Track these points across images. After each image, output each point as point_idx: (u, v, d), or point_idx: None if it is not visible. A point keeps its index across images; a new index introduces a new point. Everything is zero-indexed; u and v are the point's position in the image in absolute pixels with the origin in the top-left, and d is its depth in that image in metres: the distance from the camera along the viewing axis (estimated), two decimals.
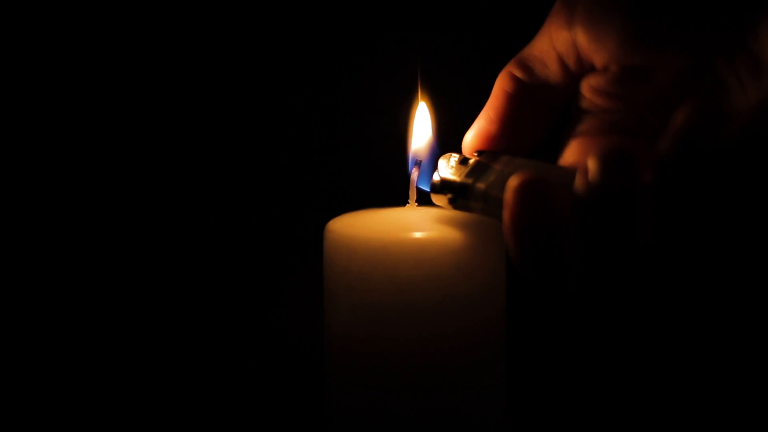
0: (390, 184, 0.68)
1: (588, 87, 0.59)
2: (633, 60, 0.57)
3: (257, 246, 0.86)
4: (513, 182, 0.53)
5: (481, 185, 0.59)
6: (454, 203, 0.61)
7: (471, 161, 0.61)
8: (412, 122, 0.65)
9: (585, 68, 0.59)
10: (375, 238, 0.60)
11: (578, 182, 0.51)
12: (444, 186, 0.61)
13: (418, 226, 0.61)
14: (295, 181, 0.86)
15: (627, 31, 0.57)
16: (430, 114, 0.65)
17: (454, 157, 0.61)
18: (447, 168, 0.61)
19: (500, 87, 0.61)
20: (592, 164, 0.51)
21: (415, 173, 0.64)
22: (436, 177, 0.61)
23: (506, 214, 0.53)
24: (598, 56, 0.58)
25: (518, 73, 0.61)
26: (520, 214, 0.52)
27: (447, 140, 0.64)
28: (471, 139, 0.61)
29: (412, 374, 0.60)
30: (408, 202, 0.65)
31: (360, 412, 0.61)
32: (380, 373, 0.60)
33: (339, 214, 0.64)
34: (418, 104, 0.65)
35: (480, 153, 0.61)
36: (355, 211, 0.64)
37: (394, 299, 0.60)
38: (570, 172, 0.54)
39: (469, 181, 0.60)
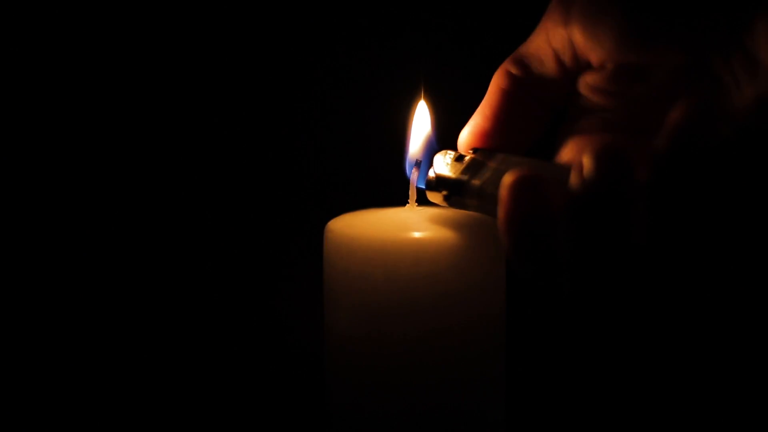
0: (390, 184, 0.68)
1: (584, 85, 0.59)
2: (629, 58, 0.57)
3: (257, 246, 0.86)
4: (508, 179, 0.53)
5: (476, 182, 0.59)
6: (449, 200, 0.61)
7: (466, 158, 0.60)
8: (411, 121, 0.65)
9: (581, 66, 0.59)
10: (375, 238, 0.60)
11: (573, 179, 0.51)
12: (439, 183, 0.61)
13: (417, 226, 0.61)
14: (295, 181, 0.86)
15: (623, 29, 0.57)
16: (429, 112, 0.65)
17: (450, 154, 0.61)
18: (443, 165, 0.61)
19: (496, 84, 0.61)
20: (587, 161, 0.51)
21: (415, 174, 0.64)
22: (431, 173, 0.61)
23: (501, 211, 0.53)
24: (594, 54, 0.58)
25: (514, 71, 0.61)
26: (514, 210, 0.52)
27: (444, 137, 0.64)
28: (467, 136, 0.61)
29: (412, 374, 0.60)
30: (408, 202, 0.65)
31: (361, 411, 0.61)
32: (380, 372, 0.60)
33: (339, 214, 0.64)
34: (417, 103, 0.66)
35: (476, 150, 0.61)
36: (355, 211, 0.64)
37: (394, 299, 0.60)
38: (565, 170, 0.54)
39: (465, 177, 0.60)
